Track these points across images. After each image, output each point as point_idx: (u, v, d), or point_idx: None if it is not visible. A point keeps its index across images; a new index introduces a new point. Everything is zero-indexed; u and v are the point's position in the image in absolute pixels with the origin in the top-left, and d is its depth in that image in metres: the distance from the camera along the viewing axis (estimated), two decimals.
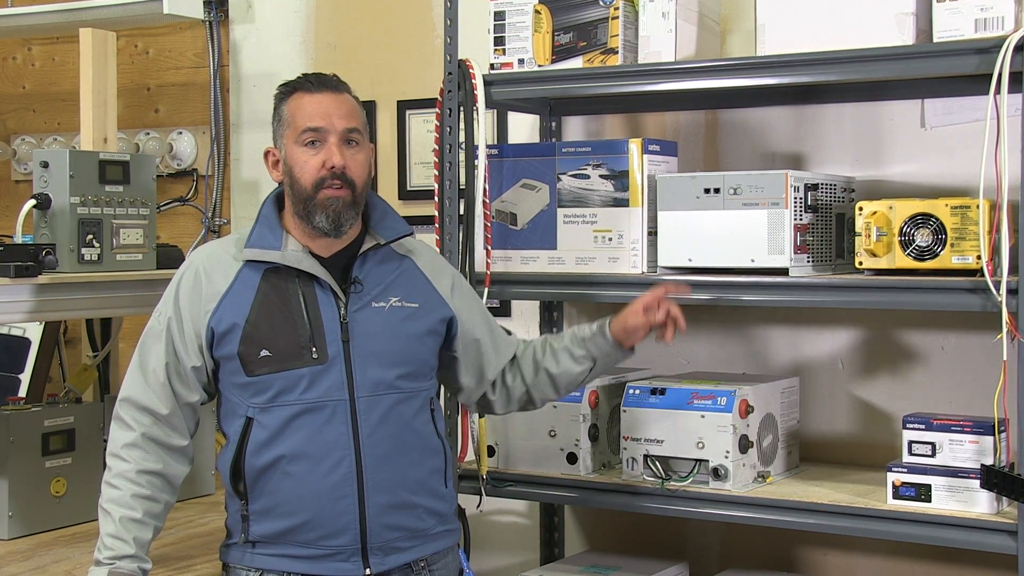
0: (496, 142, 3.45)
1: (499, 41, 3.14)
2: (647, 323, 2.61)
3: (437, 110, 3.14)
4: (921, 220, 2.65)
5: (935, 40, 2.63)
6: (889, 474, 2.72)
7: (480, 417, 3.05)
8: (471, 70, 3.10)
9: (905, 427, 2.74)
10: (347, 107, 2.48)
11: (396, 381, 2.44)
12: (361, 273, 2.47)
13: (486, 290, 3.05)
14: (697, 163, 3.32)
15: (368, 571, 2.41)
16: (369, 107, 3.66)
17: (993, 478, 2.55)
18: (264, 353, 2.40)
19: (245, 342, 2.41)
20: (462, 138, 3.13)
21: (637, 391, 2.95)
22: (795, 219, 2.79)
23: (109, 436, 2.47)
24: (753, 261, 2.81)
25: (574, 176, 3.08)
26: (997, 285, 2.51)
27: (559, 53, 3.07)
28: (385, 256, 2.52)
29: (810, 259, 2.85)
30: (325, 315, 2.42)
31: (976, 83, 2.63)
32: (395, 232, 2.53)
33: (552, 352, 2.67)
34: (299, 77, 2.53)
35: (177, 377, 2.45)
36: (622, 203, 3.01)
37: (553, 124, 3.46)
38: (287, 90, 2.52)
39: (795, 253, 2.79)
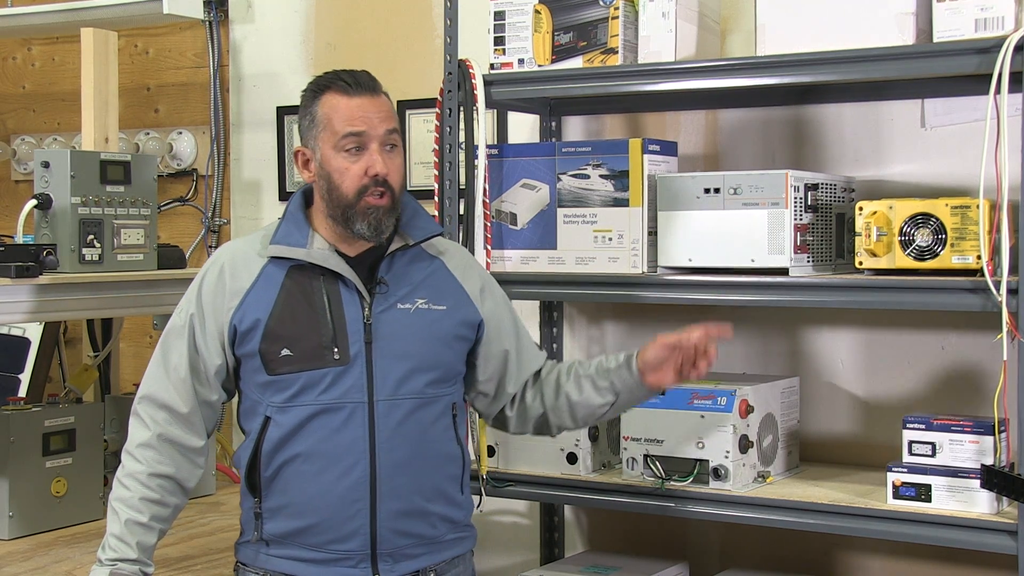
0: (496, 142, 3.45)
1: (499, 41, 3.14)
2: (671, 360, 2.43)
3: (437, 110, 3.15)
4: (921, 220, 2.65)
5: (935, 40, 2.63)
6: (889, 474, 2.72)
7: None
8: (471, 70, 3.10)
9: (905, 427, 2.74)
10: (386, 109, 2.40)
11: (418, 385, 2.39)
12: (388, 273, 2.42)
13: None
14: (697, 163, 3.33)
15: None
16: None
17: (993, 478, 2.55)
18: (285, 352, 2.37)
19: (266, 340, 2.37)
20: (462, 138, 3.13)
21: None
22: (795, 219, 2.80)
23: (129, 432, 2.45)
24: (753, 261, 2.82)
25: (574, 176, 3.08)
26: (997, 285, 2.51)
27: (559, 53, 3.07)
28: (414, 257, 2.47)
29: (810, 259, 2.85)
30: (349, 315, 2.38)
31: (976, 83, 2.63)
32: (425, 232, 2.47)
33: (576, 379, 2.55)
34: (331, 75, 2.42)
35: (198, 374, 2.43)
36: (622, 203, 3.01)
37: (553, 124, 3.46)
38: (319, 88, 2.41)
39: (795, 253, 2.79)
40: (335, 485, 2.35)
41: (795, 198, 2.80)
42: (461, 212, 3.14)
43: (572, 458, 3.03)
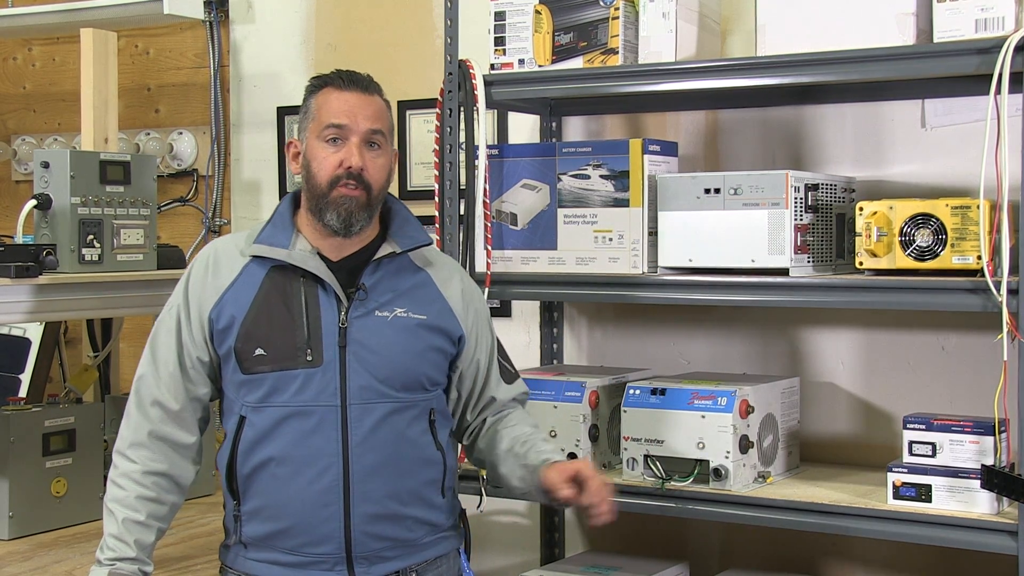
0: (496, 142, 3.45)
1: (499, 41, 3.14)
2: (567, 496, 2.34)
3: (437, 110, 3.15)
4: (921, 220, 2.65)
5: (935, 40, 2.63)
6: (889, 474, 2.72)
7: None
8: (471, 70, 3.10)
9: (905, 427, 2.74)
10: (374, 108, 2.42)
11: (390, 391, 2.38)
12: (370, 280, 2.41)
13: (486, 290, 3.06)
14: (697, 163, 3.33)
15: None
16: None
17: (993, 478, 2.55)
18: (259, 351, 2.37)
19: (241, 339, 2.37)
20: (462, 138, 3.13)
21: (637, 391, 2.95)
22: (795, 219, 2.80)
23: (120, 431, 2.45)
24: (753, 261, 2.82)
25: (574, 176, 3.08)
26: (997, 285, 2.51)
27: (559, 53, 3.07)
28: (401, 266, 2.46)
29: (810, 259, 2.85)
30: (325, 319, 2.37)
31: (976, 83, 2.63)
32: (413, 241, 2.46)
33: (509, 454, 2.50)
34: (332, 72, 2.46)
35: (186, 369, 2.43)
36: (622, 203, 3.01)
37: (553, 124, 3.46)
38: (317, 84, 2.45)
39: (795, 253, 2.79)
40: (308, 489, 2.34)
41: (795, 198, 2.80)
42: (461, 212, 3.14)
43: (572, 458, 3.02)
